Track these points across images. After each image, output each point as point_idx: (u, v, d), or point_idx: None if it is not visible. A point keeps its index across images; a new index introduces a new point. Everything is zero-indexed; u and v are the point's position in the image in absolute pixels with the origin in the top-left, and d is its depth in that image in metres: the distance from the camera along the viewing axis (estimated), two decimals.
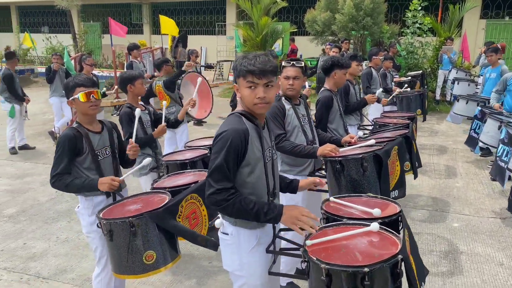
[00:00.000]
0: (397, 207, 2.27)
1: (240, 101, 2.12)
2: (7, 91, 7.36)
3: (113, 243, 2.31)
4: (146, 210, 2.33)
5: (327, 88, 3.87)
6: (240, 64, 2.00)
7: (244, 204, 1.96)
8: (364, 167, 2.82)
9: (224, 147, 1.95)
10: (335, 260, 1.77)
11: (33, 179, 6.21)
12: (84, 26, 19.15)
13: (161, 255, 2.31)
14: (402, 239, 1.87)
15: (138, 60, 9.27)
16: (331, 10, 11.88)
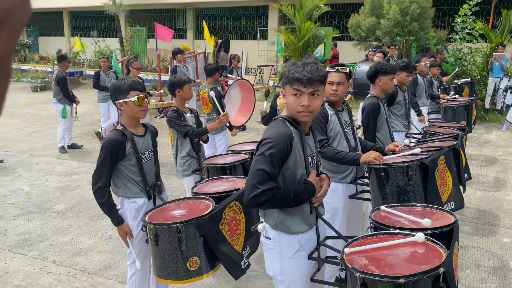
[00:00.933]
0: (452, 218, 2.18)
1: (285, 107, 2.13)
2: (60, 92, 7.74)
3: (158, 247, 2.34)
4: (191, 216, 2.36)
5: (374, 95, 3.80)
6: (288, 71, 2.02)
7: (286, 196, 1.99)
8: (409, 176, 2.73)
9: (270, 150, 1.97)
10: (372, 270, 1.72)
11: (80, 177, 6.47)
12: (131, 31, 19.78)
13: (204, 262, 2.33)
14: (450, 252, 1.79)
15: (182, 65, 9.47)
16: (376, 15, 11.66)
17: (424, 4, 10.97)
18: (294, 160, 2.04)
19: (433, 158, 2.91)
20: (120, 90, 2.70)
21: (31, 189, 6.01)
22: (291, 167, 2.04)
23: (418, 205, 2.48)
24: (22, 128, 10.13)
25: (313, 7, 13.07)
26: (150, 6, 20.08)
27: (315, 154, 2.21)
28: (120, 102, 2.70)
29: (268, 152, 1.97)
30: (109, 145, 2.64)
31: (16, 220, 4.96)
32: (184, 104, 4.00)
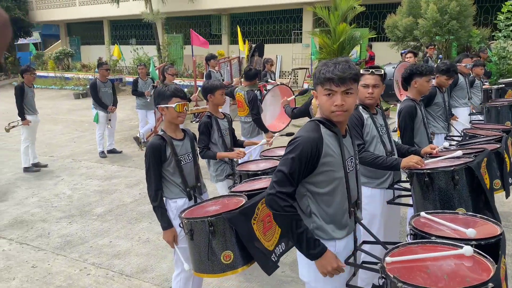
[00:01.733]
0: (498, 228, 2.05)
1: (319, 108, 2.10)
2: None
3: (193, 242, 2.41)
4: (223, 210, 2.41)
5: (410, 97, 3.69)
6: (319, 72, 2.00)
7: (295, 225, 1.96)
8: (455, 181, 2.60)
9: (293, 153, 1.96)
10: (414, 281, 1.64)
11: (119, 181, 6.66)
12: (168, 38, 20.24)
13: (238, 256, 2.36)
14: (498, 265, 1.69)
15: (216, 70, 9.57)
16: (414, 15, 11.37)
17: (464, 2, 10.58)
18: (326, 164, 1.99)
19: (478, 161, 2.78)
20: (163, 96, 2.85)
21: (73, 192, 6.24)
22: (325, 171, 2.00)
23: (461, 213, 2.37)
24: (65, 134, 10.56)
25: (348, 8, 12.87)
26: (186, 13, 20.47)
27: (353, 157, 2.15)
28: (162, 106, 2.86)
29: (291, 155, 1.96)
30: (151, 150, 2.81)
31: (58, 223, 5.15)
32: (217, 109, 4.04)
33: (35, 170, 7.32)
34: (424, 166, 2.75)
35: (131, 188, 6.24)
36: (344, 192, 2.06)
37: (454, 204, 2.60)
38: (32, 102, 7.26)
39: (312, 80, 2.09)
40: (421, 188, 2.75)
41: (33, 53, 23.96)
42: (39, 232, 4.91)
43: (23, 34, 26.47)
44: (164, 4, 18.87)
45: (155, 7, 18.61)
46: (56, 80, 20.65)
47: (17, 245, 4.59)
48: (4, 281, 3.87)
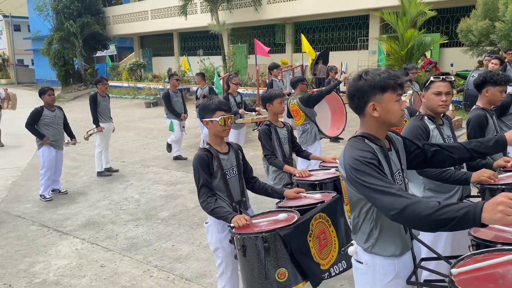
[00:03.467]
0: None
1: (361, 124, 2.01)
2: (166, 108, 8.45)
3: (246, 258, 2.36)
4: (277, 226, 2.35)
5: (480, 106, 3.45)
6: (382, 80, 1.90)
7: (431, 208, 1.61)
8: None
9: (365, 167, 1.82)
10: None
11: (183, 186, 6.88)
12: (233, 48, 20.74)
13: (292, 274, 2.30)
14: None
15: (278, 79, 9.62)
16: (490, 18, 10.65)
17: None
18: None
19: None
20: (208, 109, 2.85)
21: (140, 196, 6.55)
22: None
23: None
24: (136, 140, 11.15)
25: (418, 13, 12.37)
26: (251, 24, 20.86)
27: (401, 171, 2.05)
28: (206, 120, 2.86)
29: (367, 169, 1.82)
30: (199, 163, 2.79)
31: (126, 225, 5.43)
32: (277, 118, 4.05)
33: (107, 175, 7.79)
34: (497, 181, 2.55)
35: (194, 194, 6.42)
36: None
37: None
38: (106, 111, 7.76)
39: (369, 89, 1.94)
40: None
41: (109, 64, 25.71)
42: (108, 233, 5.20)
43: (101, 47, 28.55)
44: (232, 15, 19.38)
45: (222, 18, 19.17)
46: (129, 90, 21.94)
47: (89, 245, 4.89)
48: (76, 277, 4.14)
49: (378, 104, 1.92)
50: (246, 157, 3.20)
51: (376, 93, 1.92)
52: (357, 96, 1.95)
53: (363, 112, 1.97)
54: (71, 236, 5.17)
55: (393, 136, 2.12)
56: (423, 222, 1.64)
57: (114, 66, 26.45)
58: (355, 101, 1.96)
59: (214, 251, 2.96)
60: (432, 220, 1.60)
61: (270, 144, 3.90)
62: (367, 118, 1.98)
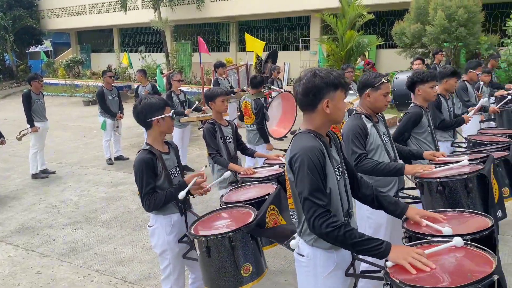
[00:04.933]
0: (489, 221, 2.06)
1: (307, 121, 2.07)
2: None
3: (211, 259, 2.37)
4: (239, 224, 2.43)
5: (417, 104, 3.67)
6: (335, 78, 1.98)
7: (350, 233, 1.88)
8: (468, 189, 2.58)
9: (306, 166, 1.90)
10: (420, 282, 1.63)
11: (125, 187, 6.68)
12: (176, 45, 20.41)
13: (255, 267, 2.40)
14: (498, 257, 1.69)
15: (223, 77, 9.61)
16: (422, 22, 11.32)
17: (473, 9, 10.52)
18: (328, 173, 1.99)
19: (488, 167, 2.74)
20: (157, 107, 2.74)
21: (79, 199, 6.27)
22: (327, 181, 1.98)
23: (449, 210, 2.36)
24: (74, 140, 10.65)
25: (356, 15, 12.89)
26: (194, 21, 20.63)
27: (341, 166, 2.13)
28: (158, 118, 2.74)
29: (308, 170, 1.91)
30: (143, 166, 2.68)
31: (64, 229, 5.18)
32: (221, 117, 4.05)
33: (43, 177, 7.38)
34: (432, 175, 2.72)
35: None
36: (338, 202, 2.04)
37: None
38: (40, 109, 7.33)
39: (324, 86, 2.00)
40: (433, 197, 2.71)
41: (44, 61, 24.32)
42: (45, 238, 4.94)
43: (35, 43, 26.91)
44: (173, 12, 19.06)
45: (164, 15, 18.79)
46: (66, 88, 20.89)
47: (23, 251, 4.62)
48: (9, 286, 3.89)
49: (331, 101, 1.99)
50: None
51: (330, 90, 1.99)
52: (312, 92, 1.99)
53: (314, 109, 2.01)
54: (3, 243, 4.85)
55: (332, 133, 2.19)
56: (343, 244, 1.92)
57: (50, 62, 25.04)
58: (310, 97, 2.00)
59: (161, 253, 2.87)
60: (352, 246, 1.90)
61: (214, 143, 3.89)
62: (316, 115, 2.03)
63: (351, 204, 2.17)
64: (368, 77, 2.96)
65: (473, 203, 2.60)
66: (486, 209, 2.61)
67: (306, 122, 2.08)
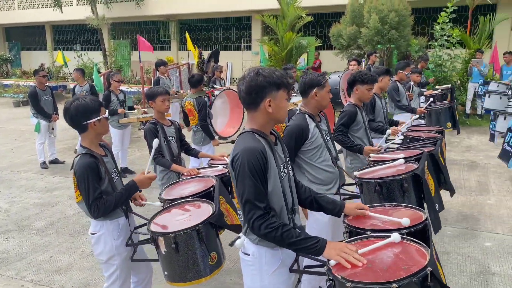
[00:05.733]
0: (423, 214, 2.20)
1: (250, 120, 2.10)
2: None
3: (179, 254, 2.38)
4: (199, 217, 2.49)
5: (352, 103, 3.85)
6: (278, 77, 2.01)
7: (287, 234, 1.94)
8: (404, 188, 2.74)
9: (247, 168, 1.93)
10: (361, 278, 1.70)
11: (61, 192, 6.36)
12: (114, 44, 19.72)
13: (220, 254, 2.51)
14: (431, 249, 1.79)
15: (165, 76, 9.44)
16: (357, 24, 11.82)
17: (403, 12, 11.15)
18: (270, 172, 2.01)
19: (422, 166, 2.91)
20: (93, 109, 2.62)
21: (10, 206, 5.88)
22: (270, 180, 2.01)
23: (387, 204, 2.50)
24: (3, 144, 9.96)
25: (295, 17, 13.20)
26: (133, 19, 20.07)
27: (286, 164, 2.17)
28: (94, 120, 2.62)
29: (247, 171, 1.94)
30: (88, 171, 2.53)
31: None
32: (163, 116, 3.96)
33: None
34: (371, 175, 2.89)
35: (74, 200, 5.97)
36: (281, 200, 2.07)
37: None
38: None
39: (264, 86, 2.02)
40: (372, 196, 2.85)
41: None
42: None
43: None
44: (110, 10, 18.38)
45: (100, 12, 18.09)
46: None
47: None
48: None
49: (273, 100, 2.02)
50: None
51: (273, 90, 2.01)
52: (255, 91, 2.00)
53: (257, 107, 2.03)
54: None
55: (276, 132, 2.22)
56: (281, 244, 1.99)
57: None
58: (253, 95, 2.01)
59: (108, 260, 2.73)
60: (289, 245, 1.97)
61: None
62: (258, 114, 2.05)
63: (296, 201, 2.21)
64: (313, 77, 3.05)
65: (409, 200, 2.76)
66: (420, 206, 2.78)
67: (250, 121, 2.10)
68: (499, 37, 13.53)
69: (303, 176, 3.09)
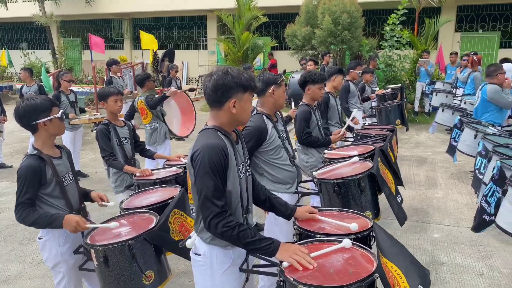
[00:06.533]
0: (369, 222, 2.28)
1: (213, 117, 2.08)
2: None
3: (109, 269, 2.25)
4: (139, 230, 2.33)
5: (305, 103, 3.91)
6: (246, 80, 2.01)
7: (243, 233, 1.93)
8: (361, 187, 2.84)
9: (207, 165, 1.91)
10: (312, 281, 1.73)
11: (9, 198, 6.05)
12: (64, 42, 18.98)
13: (158, 273, 2.33)
14: (377, 255, 1.85)
15: (118, 76, 9.20)
16: (311, 25, 12.04)
17: (355, 14, 11.49)
18: (231, 170, 2.00)
19: (377, 164, 3.00)
20: (42, 108, 2.52)
21: None
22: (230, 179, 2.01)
23: (335, 209, 2.58)
24: None
25: (252, 17, 13.27)
26: (84, 17, 19.40)
27: (245, 163, 2.17)
28: (44, 120, 2.52)
29: (207, 168, 1.92)
30: (29, 173, 2.44)
31: None
32: (115, 117, 3.86)
33: None
34: (328, 176, 2.97)
35: None
36: (238, 199, 2.08)
37: (362, 208, 2.83)
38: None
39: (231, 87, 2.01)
40: (331, 196, 2.92)
41: None
42: None
43: None
44: (58, 7, 17.65)
45: (48, 9, 17.34)
46: None
47: None
48: None
49: (238, 102, 2.01)
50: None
51: (239, 91, 2.00)
52: (221, 90, 1.98)
53: (221, 106, 2.02)
54: None
55: (238, 130, 2.23)
56: (236, 243, 1.98)
57: None
58: (218, 94, 1.99)
59: (54, 267, 2.64)
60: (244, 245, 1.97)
61: (108, 145, 3.69)
62: (222, 113, 2.03)
63: (251, 201, 2.23)
64: (269, 76, 3.09)
65: (366, 198, 2.88)
66: (375, 202, 2.94)
67: (212, 119, 2.08)
68: (444, 38, 14.26)
69: (262, 176, 3.11)
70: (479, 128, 5.17)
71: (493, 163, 3.81)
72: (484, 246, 4.30)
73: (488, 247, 4.26)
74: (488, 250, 4.21)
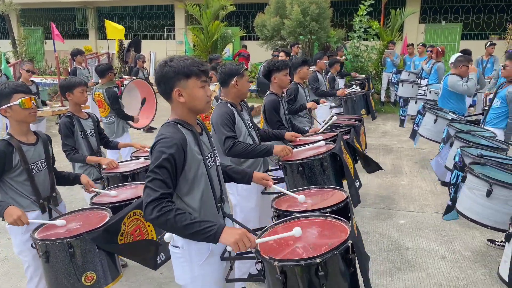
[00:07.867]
0: (344, 194, 2.36)
1: (171, 111, 2.06)
2: None
3: (49, 264, 2.19)
4: (85, 229, 2.23)
5: (273, 92, 3.92)
6: (185, 66, 1.96)
7: (180, 217, 1.83)
8: (324, 167, 2.87)
9: (160, 157, 1.88)
10: (288, 256, 1.77)
11: None
12: (25, 31, 18.22)
13: (101, 275, 2.23)
14: (351, 224, 1.90)
15: (83, 66, 8.94)
16: (280, 15, 12.04)
17: (323, 5, 11.57)
18: (192, 163, 1.98)
19: (338, 146, 3.05)
20: (2, 95, 2.51)
21: None
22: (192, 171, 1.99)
23: (312, 187, 2.65)
24: None
25: (219, 7, 13.14)
26: (45, 5, 18.68)
27: (213, 153, 2.17)
28: (4, 108, 2.52)
29: (160, 159, 1.88)
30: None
31: None
32: (79, 109, 3.74)
33: None
34: (293, 157, 2.97)
35: None
36: (209, 189, 2.07)
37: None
38: None
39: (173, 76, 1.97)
40: (295, 177, 2.95)
41: None
42: None
43: None
44: None
45: None
46: None
47: None
48: None
49: (183, 89, 1.97)
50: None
51: (181, 79, 1.96)
52: (163, 82, 1.97)
53: (169, 98, 2.01)
54: None
55: (201, 121, 2.20)
56: (174, 229, 1.87)
57: None
58: (162, 86, 1.99)
59: (19, 254, 2.67)
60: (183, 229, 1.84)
61: (70, 139, 3.57)
62: (174, 105, 2.02)
63: (224, 190, 2.23)
64: (231, 67, 3.07)
65: (328, 178, 2.91)
66: (339, 182, 2.96)
67: (171, 112, 2.08)
68: (409, 30, 14.60)
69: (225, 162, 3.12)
70: (439, 113, 5.35)
71: (454, 149, 3.96)
72: (447, 230, 4.46)
73: (450, 232, 4.44)
74: (450, 234, 4.38)
